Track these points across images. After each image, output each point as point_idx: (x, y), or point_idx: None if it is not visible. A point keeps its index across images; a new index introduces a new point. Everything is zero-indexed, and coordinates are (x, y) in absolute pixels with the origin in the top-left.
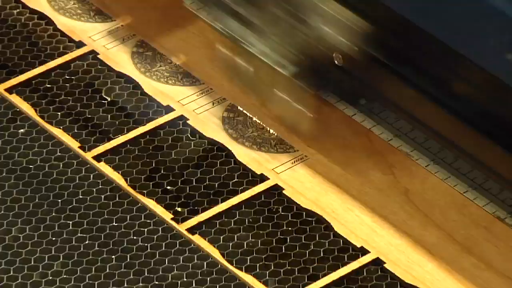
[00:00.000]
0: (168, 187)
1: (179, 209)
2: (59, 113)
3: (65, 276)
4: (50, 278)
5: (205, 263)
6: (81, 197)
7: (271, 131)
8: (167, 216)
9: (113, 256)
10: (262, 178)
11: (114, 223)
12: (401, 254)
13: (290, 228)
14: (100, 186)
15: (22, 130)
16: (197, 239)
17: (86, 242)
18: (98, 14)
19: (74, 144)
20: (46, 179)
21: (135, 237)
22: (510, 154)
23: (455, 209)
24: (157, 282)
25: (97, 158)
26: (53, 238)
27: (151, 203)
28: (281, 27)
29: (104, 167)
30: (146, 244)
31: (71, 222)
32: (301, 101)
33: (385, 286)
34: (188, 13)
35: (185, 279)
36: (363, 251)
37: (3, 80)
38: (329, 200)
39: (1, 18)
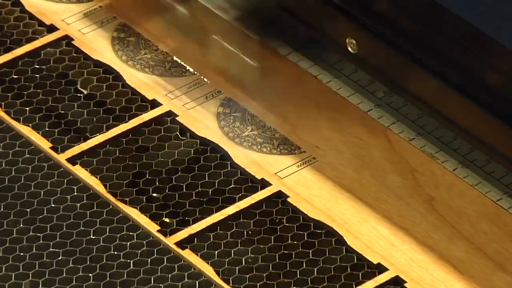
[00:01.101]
0: (154, 194)
1: (167, 220)
2: (27, 109)
3: None
4: None
5: (197, 282)
6: (53, 205)
7: (274, 129)
8: (153, 227)
9: (90, 274)
10: (263, 183)
11: (91, 236)
12: (424, 272)
13: (295, 242)
14: (75, 193)
15: None
16: (187, 254)
17: (59, 258)
18: None
19: (45, 144)
20: (13, 185)
21: (115, 252)
22: None
23: (487, 219)
24: None
25: (72, 160)
26: (21, 254)
27: (134, 213)
28: None
29: (79, 171)
30: (128, 260)
31: (41, 235)
32: (245, 50)
33: None
34: None
35: None
36: (381, 269)
37: None
38: (341, 209)
39: None
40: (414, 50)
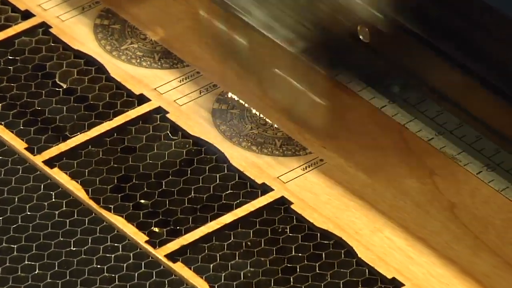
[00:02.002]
0: (142, 201)
1: (156, 230)
2: None
3: None
4: None
5: None
6: (28, 213)
7: (276, 127)
8: (140, 238)
9: None
10: (264, 188)
11: (71, 248)
12: None
13: (300, 254)
14: (54, 200)
15: None
16: (179, 268)
17: (36, 272)
18: None
19: (19, 144)
20: None
21: (98, 266)
22: None
23: None
24: None
25: (50, 162)
26: None
27: (119, 222)
28: None
29: (58, 175)
30: (113, 275)
31: (15, 247)
32: (313, 87)
33: None
34: None
35: None
36: (396, 284)
37: None
38: (352, 218)
39: None
40: (433, 37)
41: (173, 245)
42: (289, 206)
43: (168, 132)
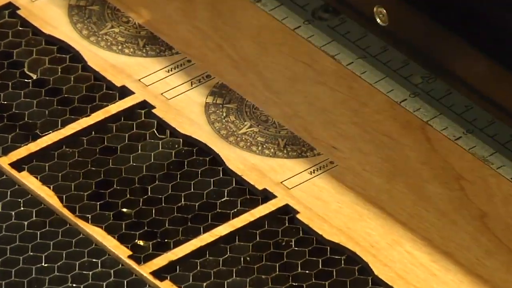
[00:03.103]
0: (124, 210)
1: (141, 243)
2: None
3: None
4: None
5: None
6: None
7: (280, 124)
8: (122, 252)
9: None
10: (266, 195)
11: (43, 264)
12: None
13: (307, 271)
14: (22, 208)
15: None
16: (167, 287)
17: None
18: None
19: None
20: None
21: (74, 285)
22: None
23: None
24: None
25: (17, 165)
26: None
27: (98, 233)
28: None
29: (27, 179)
30: None
31: None
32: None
33: None
34: None
35: None
36: None
37: None
38: (366, 229)
39: None
40: (461, 21)
41: (160, 261)
42: (295, 216)
43: (155, 130)
